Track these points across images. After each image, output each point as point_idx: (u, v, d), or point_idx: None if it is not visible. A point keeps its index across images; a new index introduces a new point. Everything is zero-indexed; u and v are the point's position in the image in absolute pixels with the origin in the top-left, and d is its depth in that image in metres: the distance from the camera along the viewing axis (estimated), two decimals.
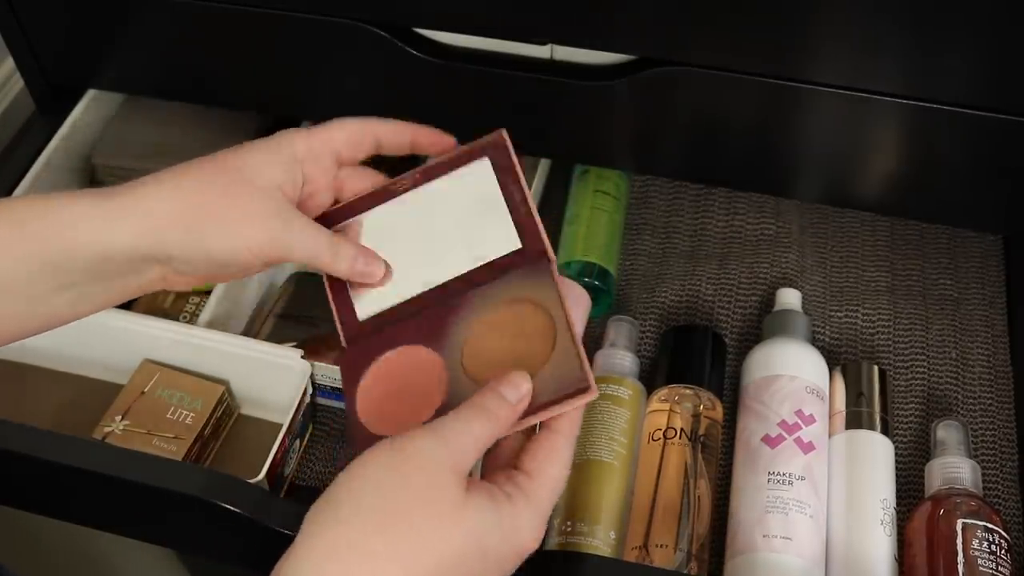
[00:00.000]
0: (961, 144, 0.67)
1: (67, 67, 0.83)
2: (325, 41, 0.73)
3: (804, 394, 0.70)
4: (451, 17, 0.69)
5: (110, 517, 0.72)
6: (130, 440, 0.70)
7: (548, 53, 0.70)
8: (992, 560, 0.62)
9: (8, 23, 0.79)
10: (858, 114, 0.66)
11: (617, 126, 0.74)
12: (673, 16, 0.65)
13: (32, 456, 0.65)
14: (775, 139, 0.71)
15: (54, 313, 0.56)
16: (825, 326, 0.79)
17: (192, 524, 0.67)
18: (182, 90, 0.82)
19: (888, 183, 0.72)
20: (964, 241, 0.83)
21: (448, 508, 0.48)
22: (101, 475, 0.64)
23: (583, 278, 0.78)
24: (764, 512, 0.65)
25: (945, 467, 0.67)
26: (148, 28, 0.77)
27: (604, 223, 0.82)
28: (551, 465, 0.51)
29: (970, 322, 0.79)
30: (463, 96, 0.74)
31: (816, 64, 0.65)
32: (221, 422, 0.74)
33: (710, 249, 0.84)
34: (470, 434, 0.50)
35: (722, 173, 0.77)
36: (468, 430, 0.50)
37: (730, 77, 0.66)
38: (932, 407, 0.75)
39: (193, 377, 0.74)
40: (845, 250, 0.84)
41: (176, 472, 0.65)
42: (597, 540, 0.65)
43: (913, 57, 0.63)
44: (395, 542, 0.47)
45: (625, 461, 0.69)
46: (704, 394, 0.71)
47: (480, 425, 0.50)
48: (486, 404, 0.51)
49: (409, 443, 0.49)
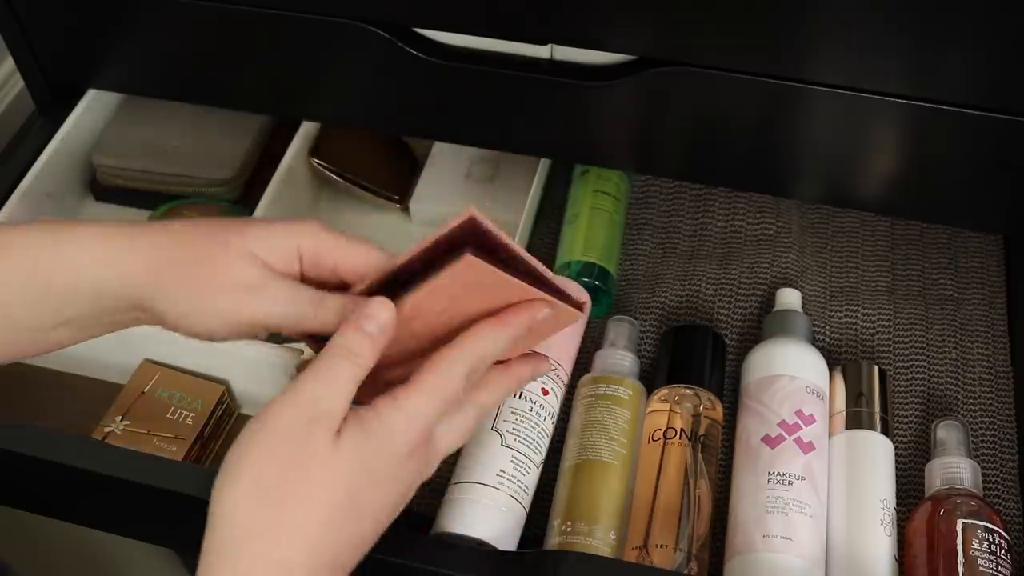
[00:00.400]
0: (961, 144, 0.67)
1: (67, 67, 0.83)
2: (325, 41, 0.73)
3: (804, 394, 0.70)
4: (451, 17, 0.69)
5: (110, 517, 0.72)
6: (130, 440, 0.70)
7: (548, 53, 0.70)
8: (992, 560, 0.62)
9: (8, 23, 0.79)
10: (858, 114, 0.66)
11: (617, 126, 0.74)
12: (673, 16, 0.65)
13: (32, 456, 0.65)
14: (775, 139, 0.71)
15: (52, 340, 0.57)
16: (825, 326, 0.79)
17: (192, 524, 0.66)
18: (182, 90, 0.82)
19: (888, 183, 0.72)
20: (964, 241, 0.83)
21: (320, 462, 0.49)
22: (101, 475, 0.64)
23: (583, 278, 0.78)
24: (764, 512, 0.65)
25: (945, 467, 0.67)
26: (148, 28, 0.77)
27: (604, 223, 0.82)
28: (431, 376, 0.52)
29: (970, 322, 0.79)
30: (463, 96, 0.74)
31: (816, 64, 0.65)
32: (221, 422, 0.74)
33: (710, 249, 0.84)
34: (332, 384, 0.50)
35: (722, 173, 0.77)
36: (330, 380, 0.50)
37: (730, 77, 0.66)
38: (932, 407, 0.75)
39: (193, 377, 0.74)
40: (845, 250, 0.84)
41: (176, 472, 0.65)
42: (597, 540, 0.65)
43: (913, 57, 0.63)
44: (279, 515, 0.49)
45: (625, 461, 0.69)
46: (704, 394, 0.71)
47: (341, 368, 0.51)
48: (345, 343, 0.51)
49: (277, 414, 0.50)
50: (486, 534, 0.64)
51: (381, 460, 0.51)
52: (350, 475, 0.50)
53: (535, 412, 0.69)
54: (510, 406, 0.69)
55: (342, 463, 0.50)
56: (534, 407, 0.69)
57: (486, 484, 0.66)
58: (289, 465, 0.49)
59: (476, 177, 0.89)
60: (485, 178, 0.88)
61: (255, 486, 0.49)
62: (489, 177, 0.89)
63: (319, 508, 0.49)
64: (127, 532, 0.75)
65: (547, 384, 0.71)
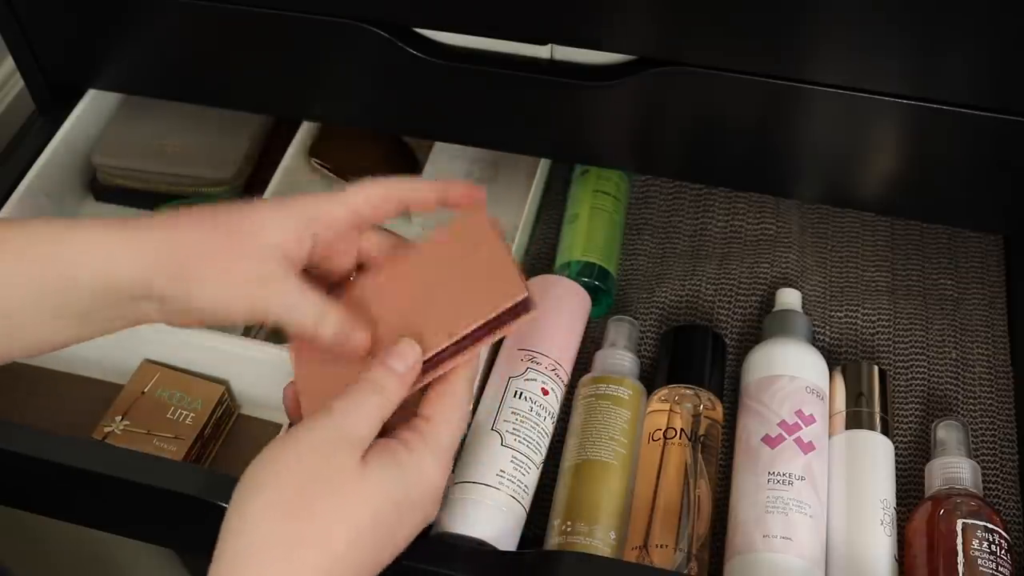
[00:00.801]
0: (961, 144, 0.67)
1: (67, 67, 0.83)
2: (325, 41, 0.73)
3: (804, 394, 0.70)
4: (451, 17, 0.69)
5: (110, 517, 0.72)
6: (130, 440, 0.70)
7: (548, 53, 0.70)
8: (992, 560, 0.62)
9: (8, 23, 0.79)
10: (858, 114, 0.66)
11: (617, 126, 0.74)
12: (673, 16, 0.65)
13: (32, 456, 0.65)
14: (775, 139, 0.71)
15: (52, 339, 0.56)
16: (825, 326, 0.79)
17: (192, 524, 0.67)
18: (182, 90, 0.82)
19: (888, 183, 0.72)
20: (964, 241, 0.83)
21: (347, 481, 0.51)
22: (101, 475, 0.64)
23: (583, 278, 0.78)
24: (764, 512, 0.65)
25: (945, 467, 0.67)
26: (148, 28, 0.77)
27: (604, 223, 0.82)
28: (447, 406, 0.55)
29: (970, 322, 0.79)
30: (463, 96, 0.74)
31: (816, 64, 0.65)
32: (221, 422, 0.74)
33: (710, 249, 0.84)
34: (359, 409, 0.53)
35: (722, 173, 0.77)
36: (357, 406, 0.53)
37: (730, 77, 0.66)
38: (932, 407, 0.75)
39: (193, 377, 0.74)
40: (845, 250, 0.84)
41: (176, 472, 0.65)
42: (597, 540, 0.65)
43: (913, 57, 0.63)
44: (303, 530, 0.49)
45: (625, 461, 0.69)
46: (704, 394, 0.71)
47: (369, 398, 0.53)
48: (374, 378, 0.54)
49: (304, 433, 0.52)
50: (486, 534, 0.64)
51: (415, 491, 0.53)
52: (378, 501, 0.52)
53: (535, 412, 0.69)
54: (510, 406, 0.69)
55: (370, 488, 0.51)
56: (534, 407, 0.69)
57: (486, 484, 0.66)
58: (315, 481, 0.50)
59: (476, 177, 0.89)
60: (485, 178, 0.88)
61: (279, 498, 0.50)
62: (489, 177, 0.89)
63: (344, 528, 0.50)
64: (127, 532, 0.75)
65: (547, 384, 0.71)
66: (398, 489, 0.52)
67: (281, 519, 0.49)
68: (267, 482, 0.50)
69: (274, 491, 0.50)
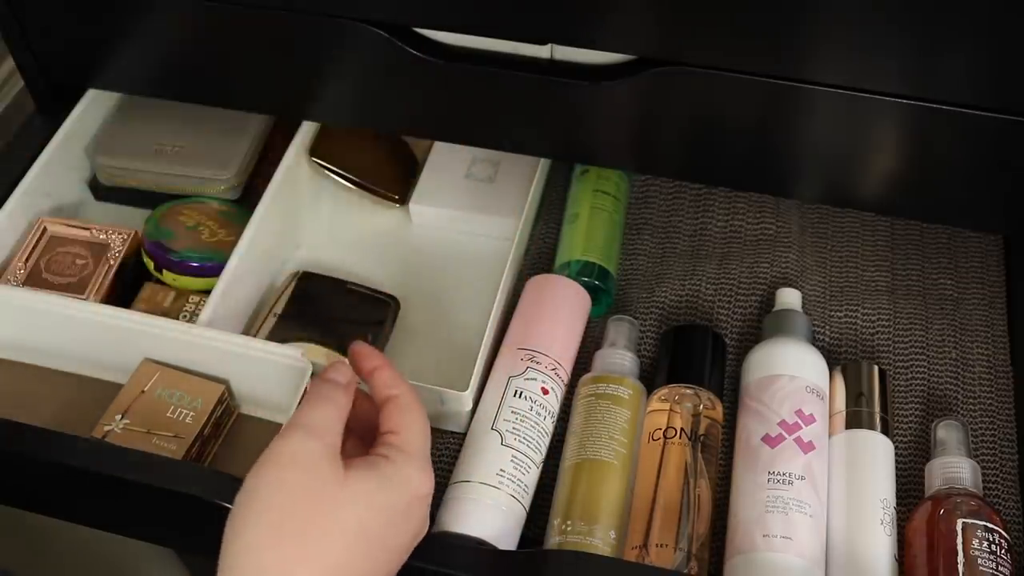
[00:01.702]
0: (961, 144, 0.67)
1: (67, 67, 0.83)
2: (325, 41, 0.73)
3: (804, 394, 0.70)
4: (451, 17, 0.69)
5: (110, 517, 0.72)
6: (130, 439, 0.70)
7: (548, 53, 0.70)
8: (992, 560, 0.62)
9: (8, 23, 0.79)
10: (858, 114, 0.66)
11: (617, 126, 0.74)
12: (673, 16, 0.65)
13: (32, 456, 0.65)
14: (775, 139, 0.71)
15: None
16: (825, 326, 0.79)
17: (192, 524, 0.67)
18: (182, 90, 0.82)
19: (888, 183, 0.72)
20: (964, 241, 0.84)
21: (333, 490, 0.54)
22: (101, 475, 0.64)
23: (583, 278, 0.78)
24: (764, 512, 0.65)
25: (945, 467, 0.67)
26: (148, 28, 0.77)
27: (604, 223, 0.82)
28: (408, 418, 0.59)
29: (970, 322, 0.79)
30: (463, 96, 0.74)
31: (816, 64, 0.65)
32: (221, 422, 0.74)
33: (710, 249, 0.84)
34: (326, 420, 0.57)
35: (722, 173, 0.77)
36: (324, 416, 0.57)
37: (730, 77, 0.66)
38: (932, 407, 0.75)
39: (193, 376, 0.74)
40: (845, 250, 0.84)
41: (176, 472, 0.65)
42: (597, 540, 0.65)
43: (913, 57, 0.63)
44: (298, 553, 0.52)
45: (625, 461, 0.69)
46: (704, 394, 0.71)
47: (329, 409, 0.58)
48: (324, 392, 0.59)
49: (284, 445, 0.55)
50: (486, 533, 0.64)
51: (402, 499, 0.56)
52: (361, 506, 0.55)
53: (535, 411, 0.69)
54: (510, 405, 0.69)
55: (351, 494, 0.55)
56: (534, 406, 0.69)
57: (486, 484, 0.66)
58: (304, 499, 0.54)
59: (476, 177, 0.89)
60: (485, 178, 0.88)
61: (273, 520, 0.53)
62: (489, 177, 0.89)
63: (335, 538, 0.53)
64: (127, 531, 0.75)
65: (547, 383, 0.71)
66: (382, 495, 0.56)
67: (277, 545, 0.52)
68: (259, 509, 0.53)
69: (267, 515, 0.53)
